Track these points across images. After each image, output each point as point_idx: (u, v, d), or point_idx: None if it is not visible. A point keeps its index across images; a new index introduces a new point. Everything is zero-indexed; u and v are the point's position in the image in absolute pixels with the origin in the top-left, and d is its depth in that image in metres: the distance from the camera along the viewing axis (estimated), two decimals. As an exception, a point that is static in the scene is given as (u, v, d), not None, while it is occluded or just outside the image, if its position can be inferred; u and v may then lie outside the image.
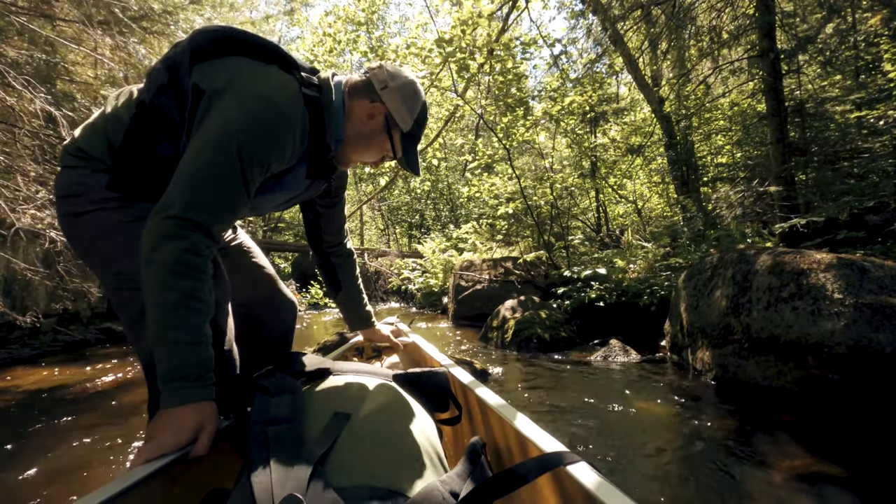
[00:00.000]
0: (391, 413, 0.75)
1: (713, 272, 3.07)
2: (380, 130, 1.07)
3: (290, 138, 0.96)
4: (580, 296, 4.74)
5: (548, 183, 5.98)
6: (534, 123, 5.43)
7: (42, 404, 2.95)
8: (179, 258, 0.82)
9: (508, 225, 7.18)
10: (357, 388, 0.83)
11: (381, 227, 17.03)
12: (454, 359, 3.15)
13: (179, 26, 3.49)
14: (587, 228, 8.52)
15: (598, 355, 3.55)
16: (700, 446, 2.02)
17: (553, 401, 2.66)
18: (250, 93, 0.91)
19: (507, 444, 0.91)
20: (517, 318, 4.30)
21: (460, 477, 0.61)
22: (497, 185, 6.63)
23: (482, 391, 1.08)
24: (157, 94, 0.98)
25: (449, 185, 14.14)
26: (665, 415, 2.40)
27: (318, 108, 1.01)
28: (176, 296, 0.81)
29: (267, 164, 0.94)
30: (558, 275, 5.45)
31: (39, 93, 2.57)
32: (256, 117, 0.90)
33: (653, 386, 2.89)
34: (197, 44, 0.96)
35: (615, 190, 9.07)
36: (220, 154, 0.87)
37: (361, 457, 0.61)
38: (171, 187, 0.87)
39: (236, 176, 0.89)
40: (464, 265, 6.43)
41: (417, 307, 8.22)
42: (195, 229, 0.85)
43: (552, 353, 3.80)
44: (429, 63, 4.42)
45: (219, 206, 0.89)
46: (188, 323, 0.82)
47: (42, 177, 2.92)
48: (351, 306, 1.55)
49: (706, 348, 2.84)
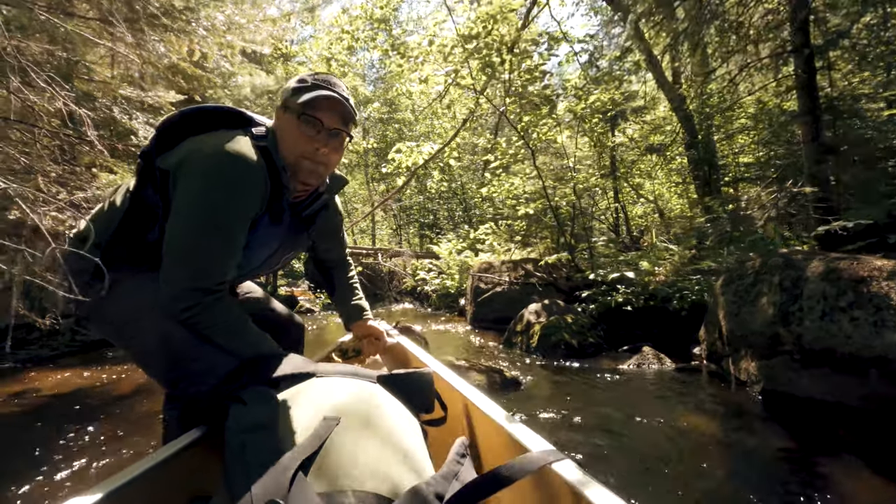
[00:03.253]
0: (376, 415, 0.74)
1: (756, 277, 2.92)
2: (288, 120, 1.10)
3: (255, 181, 1.03)
4: (606, 299, 4.59)
5: (571, 183, 5.83)
6: (557, 122, 5.30)
7: (60, 407, 2.88)
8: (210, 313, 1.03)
9: (527, 226, 7.05)
10: (342, 390, 0.82)
11: (392, 227, 16.96)
12: (482, 365, 3.04)
13: (201, 23, 3.42)
14: (606, 230, 8.35)
15: (630, 363, 3.41)
16: (755, 466, 1.89)
17: (589, 414, 2.53)
18: (204, 156, 1.00)
19: (492, 443, 0.90)
20: (542, 323, 4.17)
21: (445, 478, 0.60)
22: (516, 185, 6.50)
23: (468, 391, 1.07)
24: (139, 184, 1.10)
25: (462, 184, 14.02)
26: (711, 431, 2.27)
27: (268, 151, 1.09)
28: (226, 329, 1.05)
29: (244, 210, 1.04)
30: (582, 277, 5.31)
31: (62, 90, 2.49)
32: (217, 174, 0.99)
33: (693, 398, 2.76)
34: (162, 134, 1.07)
35: (636, 190, 8.88)
36: (199, 220, 0.99)
37: (346, 461, 0.60)
38: (169, 265, 1.02)
39: (220, 234, 1.01)
40: (482, 267, 6.31)
41: (433, 309, 8.11)
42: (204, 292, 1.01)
43: (581, 360, 3.67)
44: (451, 60, 4.30)
45: (215, 266, 1.02)
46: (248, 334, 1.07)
47: (62, 177, 2.85)
48: (348, 305, 1.58)
49: (751, 359, 2.70)
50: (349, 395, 0.80)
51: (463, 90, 5.72)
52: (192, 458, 0.83)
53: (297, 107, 1.08)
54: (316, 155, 1.11)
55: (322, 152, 1.11)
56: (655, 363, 3.35)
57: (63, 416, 2.69)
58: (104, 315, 1.15)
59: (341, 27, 5.53)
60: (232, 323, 1.06)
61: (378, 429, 0.70)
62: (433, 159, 6.15)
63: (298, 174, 1.13)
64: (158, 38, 3.44)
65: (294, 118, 1.09)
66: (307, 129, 1.09)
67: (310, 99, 1.06)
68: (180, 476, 0.80)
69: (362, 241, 15.90)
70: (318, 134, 1.10)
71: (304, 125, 1.09)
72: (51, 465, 2.03)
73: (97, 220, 1.15)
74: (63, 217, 2.47)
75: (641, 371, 3.29)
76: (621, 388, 2.98)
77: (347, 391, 0.82)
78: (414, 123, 15.50)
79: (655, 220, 8.90)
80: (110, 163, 3.66)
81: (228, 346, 1.05)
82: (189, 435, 0.88)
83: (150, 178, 1.08)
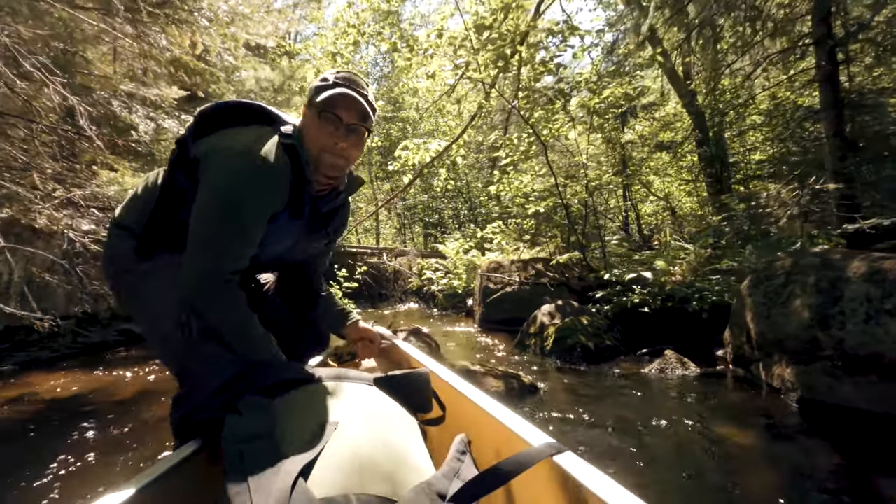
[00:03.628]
0: (374, 418, 0.74)
1: (787, 278, 2.77)
2: (315, 120, 1.15)
3: (276, 181, 1.08)
4: (622, 300, 4.44)
5: (583, 180, 5.67)
6: (571, 118, 5.14)
7: (58, 412, 2.76)
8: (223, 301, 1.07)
9: (537, 224, 6.89)
10: (339, 394, 0.82)
11: (396, 227, 16.82)
12: (498, 370, 2.90)
13: (203, 13, 3.29)
14: (616, 229, 8.18)
15: (652, 368, 3.26)
16: (797, 482, 1.74)
17: (614, 421, 2.39)
18: (231, 153, 1.06)
19: (492, 439, 0.90)
20: (557, 325, 4.03)
21: (447, 477, 0.60)
22: (526, 183, 6.35)
23: (465, 388, 1.08)
24: (172, 169, 1.16)
25: (468, 183, 13.87)
26: (747, 441, 2.12)
27: (294, 150, 1.13)
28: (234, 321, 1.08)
29: (263, 208, 1.09)
30: (595, 277, 5.16)
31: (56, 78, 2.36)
32: (241, 172, 1.04)
33: (723, 405, 2.61)
34: (199, 122, 1.15)
35: (647, 187, 8.71)
36: (219, 211, 1.04)
37: (346, 464, 0.60)
38: (190, 249, 1.06)
39: (238, 227, 1.06)
40: (491, 266, 6.16)
41: (439, 309, 7.96)
42: (218, 278, 1.05)
43: (598, 364, 3.52)
44: (462, 52, 4.14)
45: (230, 255, 1.07)
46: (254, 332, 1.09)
47: (59, 174, 2.72)
48: (332, 312, 1.57)
49: (785, 364, 2.55)
50: (346, 399, 0.79)
51: (473, 84, 5.56)
52: (191, 471, 0.82)
53: (318, 104, 1.13)
54: (335, 149, 1.16)
55: (341, 147, 1.16)
56: (679, 367, 3.20)
57: (61, 421, 2.57)
58: (137, 297, 1.18)
59: (347, 21, 5.39)
60: (237, 319, 1.08)
61: (377, 431, 0.70)
62: (440, 157, 6.01)
63: (320, 167, 1.18)
64: (160, 30, 3.31)
65: (316, 115, 1.15)
66: (327, 125, 1.14)
67: (329, 97, 1.12)
68: (179, 490, 0.79)
69: (366, 241, 15.77)
70: (336, 130, 1.14)
71: (324, 122, 1.14)
72: (47, 473, 1.92)
73: (131, 208, 1.22)
74: (59, 216, 2.34)
75: (664, 376, 3.14)
76: (645, 393, 2.83)
77: (344, 395, 0.81)
78: (418, 122, 15.36)
79: (666, 219, 8.73)
80: (111, 160, 3.54)
81: (231, 341, 1.07)
82: (186, 448, 0.86)
83: (183, 165, 1.14)
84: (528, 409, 2.56)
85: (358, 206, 15.92)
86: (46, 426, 2.51)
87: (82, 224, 2.79)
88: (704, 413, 2.47)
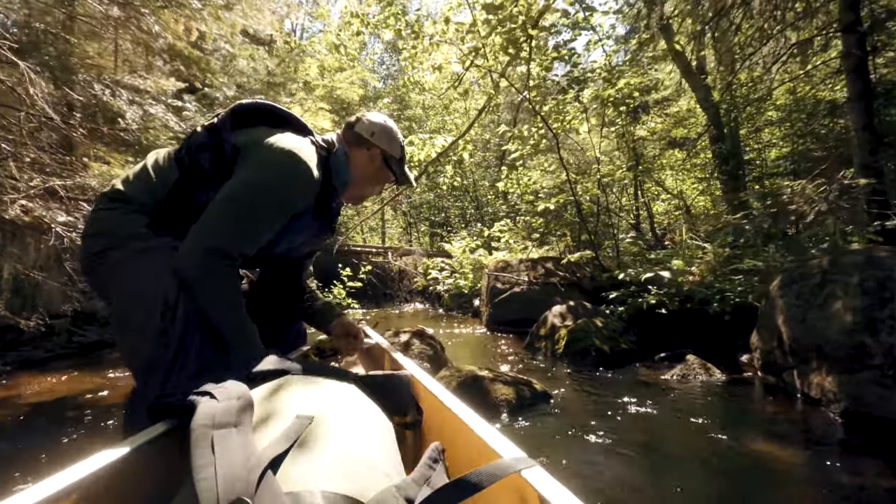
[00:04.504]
0: (349, 416, 0.74)
1: (824, 277, 2.53)
2: (381, 167, 1.36)
3: (310, 185, 1.16)
4: (637, 301, 4.21)
5: (595, 176, 5.43)
6: (584, 108, 4.90)
7: (49, 415, 2.58)
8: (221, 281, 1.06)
9: (546, 222, 6.66)
10: (317, 389, 0.81)
11: (402, 226, 16.65)
12: (507, 376, 2.69)
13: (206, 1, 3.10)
14: (628, 227, 7.93)
15: (673, 374, 3.03)
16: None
17: (635, 433, 2.17)
18: (278, 148, 1.12)
19: (466, 449, 0.91)
20: (569, 327, 3.81)
21: (416, 482, 0.59)
22: (535, 179, 6.13)
23: (444, 395, 1.07)
24: (197, 151, 1.15)
25: (474, 181, 13.66)
26: (786, 458, 1.90)
27: (326, 161, 1.25)
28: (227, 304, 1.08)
29: (290, 206, 1.15)
30: (608, 277, 4.92)
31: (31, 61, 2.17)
32: (283, 169, 1.10)
33: (755, 416, 2.38)
34: (236, 113, 1.19)
35: (661, 185, 8.46)
36: (248, 198, 1.07)
37: (317, 460, 0.59)
38: (203, 222, 1.06)
39: (260, 217, 1.10)
40: (499, 265, 5.95)
41: (445, 309, 7.75)
42: (222, 257, 1.06)
43: (614, 369, 3.30)
44: (472, 36, 3.92)
45: (242, 240, 1.09)
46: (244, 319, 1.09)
47: (42, 164, 2.55)
48: (315, 308, 1.57)
49: (825, 372, 2.31)
50: (324, 395, 0.79)
51: (482, 74, 5.33)
52: (156, 453, 0.81)
53: (395, 168, 1.37)
54: (374, 192, 1.44)
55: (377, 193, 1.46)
56: (702, 373, 2.97)
57: (52, 424, 2.41)
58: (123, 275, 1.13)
59: (350, 11, 5.20)
60: (231, 300, 1.08)
61: (351, 430, 0.69)
62: (447, 153, 5.80)
63: (357, 196, 1.41)
64: (150, 13, 3.12)
65: (382, 163, 1.35)
66: (384, 178, 1.38)
67: (403, 172, 1.39)
68: (144, 470, 0.78)
69: (372, 240, 15.60)
70: (383, 185, 1.40)
71: (385, 174, 1.37)
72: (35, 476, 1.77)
73: (136, 184, 1.18)
74: (32, 206, 2.16)
75: (686, 383, 2.91)
76: (667, 402, 2.61)
77: (322, 390, 0.81)
78: (425, 120, 15.18)
79: (680, 218, 8.47)
80: (103, 152, 3.37)
81: (218, 322, 1.07)
82: (155, 428, 0.84)
83: (214, 149, 1.15)
84: (540, 419, 2.34)
85: (364, 206, 15.76)
86: (31, 428, 2.35)
87: (58, 216, 2.61)
88: (734, 425, 2.25)
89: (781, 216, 4.73)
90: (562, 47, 4.07)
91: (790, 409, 2.43)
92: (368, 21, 5.12)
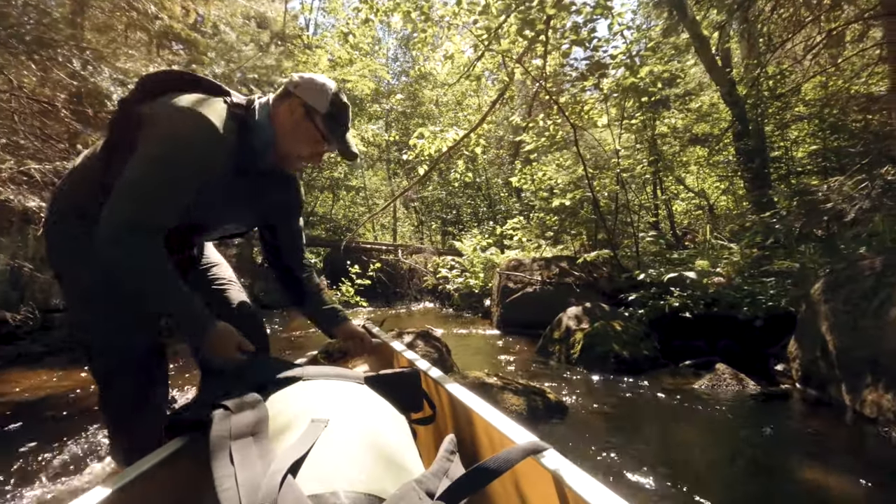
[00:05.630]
0: (364, 416, 0.74)
1: (878, 281, 2.25)
2: (302, 118, 1.20)
3: (213, 142, 1.09)
4: (658, 304, 3.93)
5: (615, 169, 5.14)
6: (605, 97, 4.62)
7: (43, 411, 2.45)
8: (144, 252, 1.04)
9: (561, 220, 6.38)
10: (330, 392, 0.82)
11: (414, 224, 16.47)
12: (518, 384, 2.45)
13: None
14: (646, 227, 7.61)
15: (701, 383, 2.76)
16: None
17: (663, 451, 1.92)
18: (174, 109, 1.08)
19: (479, 438, 0.93)
20: (585, 330, 3.55)
21: (435, 475, 0.60)
22: (550, 175, 5.85)
23: (454, 388, 1.09)
24: (113, 131, 1.16)
25: (487, 179, 13.40)
26: (839, 484, 1.64)
27: (244, 120, 1.17)
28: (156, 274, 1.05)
29: (195, 164, 1.08)
30: (627, 278, 4.64)
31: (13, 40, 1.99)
32: (181, 129, 1.07)
33: (797, 434, 2.11)
34: (145, 85, 1.15)
35: (682, 182, 8.12)
36: (153, 164, 1.05)
37: (336, 462, 0.59)
38: (114, 198, 1.04)
39: (169, 181, 1.06)
40: (511, 264, 5.70)
41: (455, 309, 7.52)
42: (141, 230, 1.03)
43: (635, 377, 3.03)
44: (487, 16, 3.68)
45: (157, 208, 1.06)
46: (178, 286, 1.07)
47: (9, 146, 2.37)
48: (321, 312, 1.51)
49: (883, 388, 2.03)
50: (337, 397, 0.80)
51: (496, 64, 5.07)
52: (178, 467, 0.82)
53: (321, 123, 1.20)
54: (311, 159, 1.26)
55: (316, 159, 1.26)
56: (734, 384, 2.69)
57: (47, 419, 2.30)
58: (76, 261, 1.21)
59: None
60: (162, 271, 1.05)
61: (367, 429, 0.69)
62: (458, 146, 5.56)
63: (286, 162, 1.26)
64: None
65: (310, 125, 1.20)
66: (313, 135, 1.21)
67: (334, 127, 1.21)
68: (166, 486, 0.79)
69: (383, 237, 15.44)
70: (318, 144, 1.23)
71: (311, 130, 1.20)
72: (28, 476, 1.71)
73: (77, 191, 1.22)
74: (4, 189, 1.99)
75: (716, 394, 2.64)
76: (696, 415, 2.35)
77: (335, 393, 0.82)
78: (437, 117, 14.96)
79: (702, 217, 8.13)
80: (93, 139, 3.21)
81: (156, 295, 1.06)
82: (174, 443, 0.85)
83: (125, 125, 1.12)
84: (554, 434, 2.10)
85: (375, 203, 15.63)
86: (27, 424, 2.23)
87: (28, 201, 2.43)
88: (775, 444, 1.98)
89: (814, 215, 4.40)
90: (582, 27, 3.80)
91: (838, 427, 2.16)
92: (378, 8, 4.91)
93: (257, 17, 6.01)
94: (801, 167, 7.72)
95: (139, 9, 3.22)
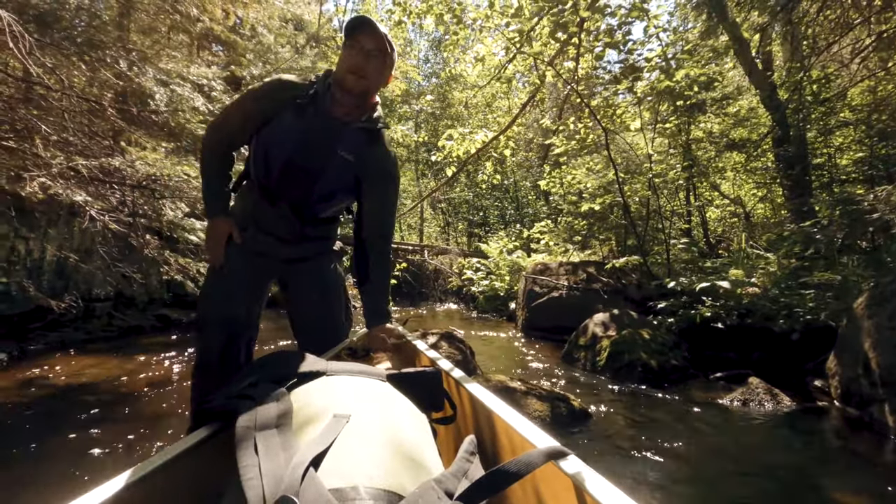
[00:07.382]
0: (386, 413, 0.74)
1: (928, 297, 2.13)
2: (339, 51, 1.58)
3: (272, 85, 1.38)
4: (689, 313, 3.83)
5: (648, 174, 5.03)
6: (639, 100, 4.53)
7: (81, 395, 2.56)
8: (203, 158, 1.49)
9: (589, 224, 6.29)
10: (352, 388, 0.82)
11: (441, 225, 16.52)
12: (542, 390, 2.43)
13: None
14: (677, 234, 7.42)
15: (733, 397, 2.68)
16: None
17: (693, 468, 1.87)
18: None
19: (499, 440, 0.93)
20: (612, 338, 3.49)
21: (455, 476, 0.59)
22: (580, 178, 5.77)
23: (475, 389, 1.09)
24: None
25: (515, 181, 13.32)
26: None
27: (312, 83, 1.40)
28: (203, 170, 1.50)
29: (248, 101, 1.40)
30: (657, 285, 4.54)
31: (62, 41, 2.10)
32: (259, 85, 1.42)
33: (835, 454, 2.02)
34: None
35: (717, 189, 7.88)
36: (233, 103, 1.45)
37: (357, 457, 0.59)
38: None
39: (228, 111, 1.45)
40: (537, 268, 5.65)
41: (479, 311, 7.51)
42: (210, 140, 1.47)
43: (662, 388, 2.97)
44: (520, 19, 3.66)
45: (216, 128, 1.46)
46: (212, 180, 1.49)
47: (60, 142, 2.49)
48: (374, 299, 1.52)
49: (930, 410, 1.92)
50: (359, 394, 0.80)
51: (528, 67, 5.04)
52: (203, 455, 0.85)
53: (345, 36, 1.33)
54: (357, 69, 1.31)
55: (362, 67, 1.31)
56: (767, 399, 2.60)
57: (83, 404, 2.39)
58: None
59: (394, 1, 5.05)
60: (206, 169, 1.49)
61: (388, 426, 0.69)
62: (487, 148, 5.55)
63: (344, 83, 1.34)
64: None
65: (343, 45, 1.34)
66: (351, 50, 1.31)
67: (352, 26, 1.31)
68: (191, 473, 0.82)
69: (410, 238, 15.55)
70: (358, 54, 1.31)
71: (348, 49, 1.32)
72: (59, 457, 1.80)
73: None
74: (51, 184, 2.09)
75: (748, 408, 2.55)
76: (727, 430, 2.28)
77: (357, 389, 0.82)
78: (467, 118, 14.98)
79: (737, 225, 7.87)
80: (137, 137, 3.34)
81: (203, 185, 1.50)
82: (200, 432, 0.87)
83: None
84: (577, 441, 2.07)
85: (403, 203, 15.75)
86: (66, 408, 2.34)
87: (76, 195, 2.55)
88: (811, 464, 1.90)
89: (858, 225, 4.20)
90: (616, 30, 3.73)
91: (881, 450, 2.05)
92: (411, 10, 4.95)
93: (294, 20, 6.17)
94: (845, 175, 7.39)
95: (182, 11, 3.34)
